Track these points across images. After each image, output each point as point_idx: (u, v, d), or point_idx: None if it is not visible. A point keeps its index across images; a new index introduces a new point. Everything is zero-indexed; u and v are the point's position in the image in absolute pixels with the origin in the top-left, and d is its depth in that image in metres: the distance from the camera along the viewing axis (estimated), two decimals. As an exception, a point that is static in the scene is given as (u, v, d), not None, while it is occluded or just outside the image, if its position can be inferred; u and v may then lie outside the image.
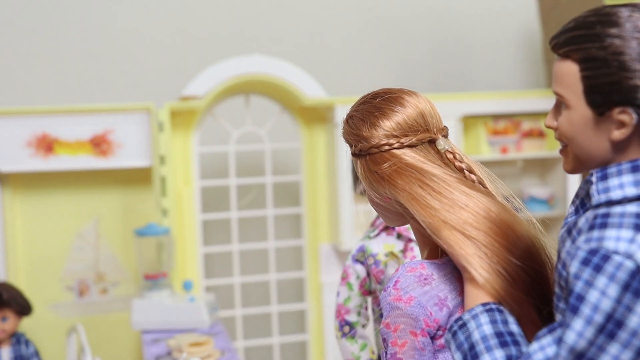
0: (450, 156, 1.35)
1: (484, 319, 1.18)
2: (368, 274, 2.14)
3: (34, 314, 3.26)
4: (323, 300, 3.61)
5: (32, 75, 3.71)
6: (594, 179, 1.16)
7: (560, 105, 1.20)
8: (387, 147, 1.32)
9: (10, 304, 3.08)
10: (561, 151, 1.23)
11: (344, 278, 2.16)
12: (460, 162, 1.35)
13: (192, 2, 3.89)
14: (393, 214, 1.38)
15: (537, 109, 3.67)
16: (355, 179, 2.21)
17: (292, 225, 3.87)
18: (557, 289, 1.18)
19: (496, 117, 3.69)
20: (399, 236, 2.13)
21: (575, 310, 1.07)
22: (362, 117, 1.36)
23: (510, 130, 3.72)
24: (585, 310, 1.06)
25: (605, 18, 1.13)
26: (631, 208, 1.11)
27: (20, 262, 3.38)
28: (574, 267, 1.09)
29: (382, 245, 2.13)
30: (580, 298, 1.07)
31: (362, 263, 2.14)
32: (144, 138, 3.31)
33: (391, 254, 2.09)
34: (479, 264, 1.22)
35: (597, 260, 1.07)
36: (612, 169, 1.15)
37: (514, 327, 1.19)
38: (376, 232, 2.15)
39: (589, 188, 1.18)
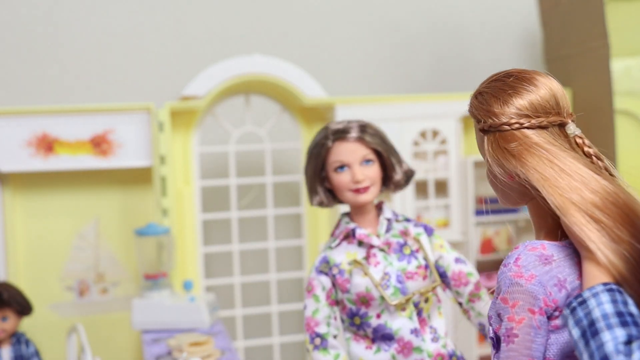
0: (579, 141, 1.36)
1: (605, 297, 1.18)
2: (333, 284, 2.11)
3: (34, 313, 3.26)
4: (323, 300, 3.61)
5: (32, 75, 3.71)
6: None
7: None
8: (517, 126, 1.33)
9: (11, 304, 3.08)
10: None
11: (310, 290, 2.13)
12: (589, 147, 1.36)
13: (192, 2, 3.89)
14: (514, 192, 1.39)
15: (537, 109, 3.66)
16: (311, 191, 2.19)
17: (292, 225, 3.87)
18: None
19: (496, 117, 3.69)
20: (360, 244, 2.12)
21: None
22: (494, 94, 1.37)
23: (510, 130, 3.71)
24: None
25: None
26: None
27: (21, 262, 3.38)
28: None
29: (345, 254, 2.11)
30: None
31: (326, 274, 2.12)
32: (144, 138, 3.31)
33: (355, 262, 2.08)
34: (604, 245, 1.23)
35: None
36: None
37: (633, 308, 1.18)
38: (337, 242, 2.14)
39: None
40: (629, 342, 1.13)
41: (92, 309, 3.45)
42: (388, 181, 2.17)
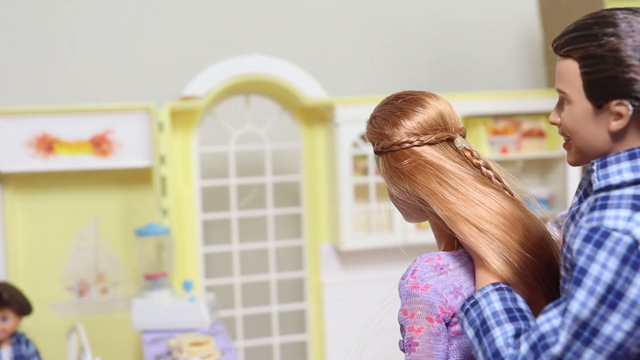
0: (467, 154, 1.43)
1: (494, 296, 1.28)
2: None
3: (34, 313, 3.26)
4: (323, 300, 3.61)
5: (32, 75, 3.71)
6: (594, 167, 1.27)
7: (562, 102, 1.31)
8: (407, 145, 1.41)
9: (11, 304, 3.08)
10: (564, 145, 1.33)
11: None
12: (477, 159, 1.43)
13: (192, 2, 3.90)
14: (412, 209, 1.46)
15: (537, 109, 3.67)
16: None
17: (292, 225, 3.87)
18: (563, 272, 1.27)
19: (496, 117, 3.69)
20: None
21: (578, 283, 1.17)
22: (384, 117, 1.45)
23: (510, 130, 3.72)
24: (588, 282, 1.16)
25: (602, 20, 1.25)
26: (629, 191, 1.22)
27: (20, 262, 3.38)
28: (576, 244, 1.19)
29: None
30: (583, 271, 1.17)
31: None
32: (144, 138, 3.31)
33: None
34: (492, 254, 1.31)
35: (597, 237, 1.17)
36: (611, 158, 1.26)
37: (522, 304, 1.28)
38: None
39: (590, 177, 1.28)
40: (517, 335, 1.22)
41: (92, 309, 3.45)
42: None
